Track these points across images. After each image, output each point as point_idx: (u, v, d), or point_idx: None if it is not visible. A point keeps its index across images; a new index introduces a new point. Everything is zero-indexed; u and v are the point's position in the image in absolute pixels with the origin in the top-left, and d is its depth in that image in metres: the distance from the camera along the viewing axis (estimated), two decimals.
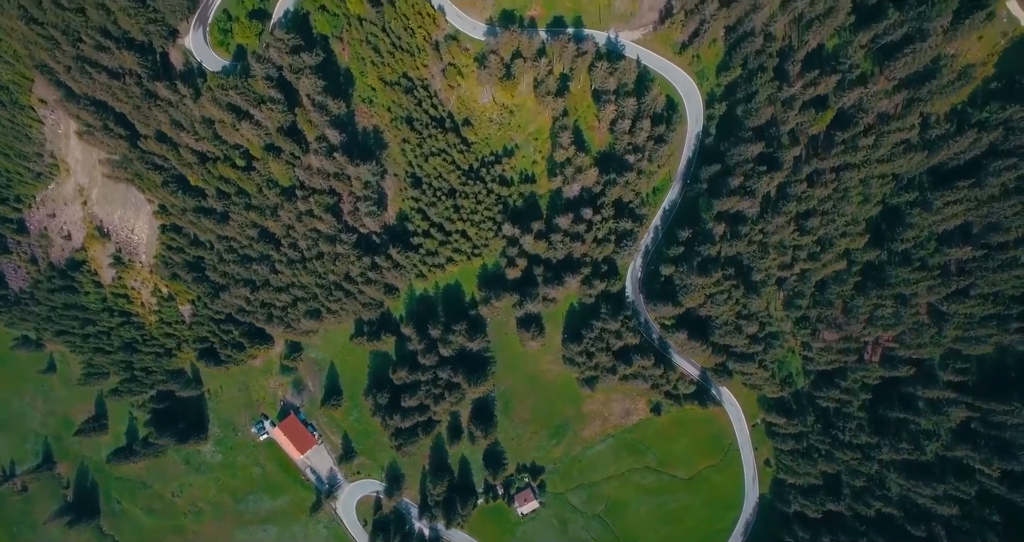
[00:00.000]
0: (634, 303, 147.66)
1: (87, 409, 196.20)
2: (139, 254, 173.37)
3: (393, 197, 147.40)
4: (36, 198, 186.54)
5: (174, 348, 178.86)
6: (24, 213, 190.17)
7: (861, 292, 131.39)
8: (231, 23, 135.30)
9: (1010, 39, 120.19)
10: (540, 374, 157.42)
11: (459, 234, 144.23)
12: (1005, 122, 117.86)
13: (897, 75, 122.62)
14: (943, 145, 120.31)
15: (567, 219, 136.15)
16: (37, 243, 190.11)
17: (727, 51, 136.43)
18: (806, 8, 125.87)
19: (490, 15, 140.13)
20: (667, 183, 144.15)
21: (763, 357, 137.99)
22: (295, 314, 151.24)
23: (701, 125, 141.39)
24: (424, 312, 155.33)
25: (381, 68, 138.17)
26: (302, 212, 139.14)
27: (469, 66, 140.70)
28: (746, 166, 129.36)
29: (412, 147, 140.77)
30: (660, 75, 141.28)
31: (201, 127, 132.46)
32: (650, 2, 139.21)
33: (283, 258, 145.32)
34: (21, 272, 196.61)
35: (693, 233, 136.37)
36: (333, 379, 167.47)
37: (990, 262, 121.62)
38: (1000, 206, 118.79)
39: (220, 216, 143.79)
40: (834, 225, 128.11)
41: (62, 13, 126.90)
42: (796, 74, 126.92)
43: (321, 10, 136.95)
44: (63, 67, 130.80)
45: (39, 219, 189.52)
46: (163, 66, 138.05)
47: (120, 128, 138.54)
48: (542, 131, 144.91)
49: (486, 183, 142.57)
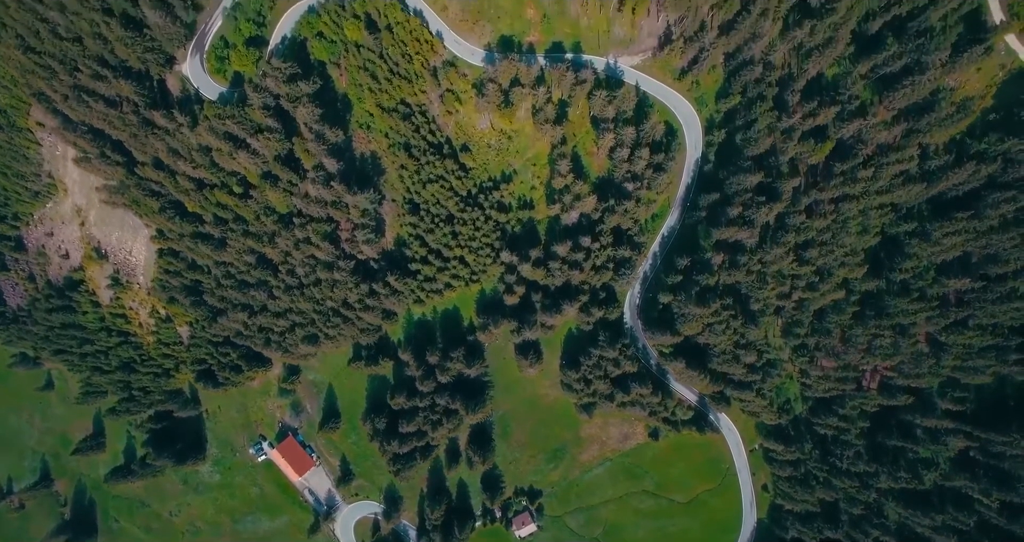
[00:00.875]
0: (632, 329, 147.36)
1: (85, 427, 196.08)
2: (137, 275, 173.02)
3: (391, 223, 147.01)
4: (34, 216, 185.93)
5: (172, 369, 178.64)
6: (22, 230, 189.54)
7: (859, 322, 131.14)
8: (228, 50, 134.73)
9: (1008, 71, 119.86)
10: (538, 398, 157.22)
11: (457, 260, 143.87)
12: (1004, 154, 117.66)
13: (896, 106, 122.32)
14: (942, 176, 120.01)
15: (565, 247, 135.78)
16: (35, 261, 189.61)
17: (726, 78, 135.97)
18: (805, 38, 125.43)
19: (488, 41, 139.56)
20: (666, 209, 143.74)
21: (761, 386, 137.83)
22: (293, 339, 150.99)
23: (700, 151, 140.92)
24: (422, 337, 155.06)
25: (379, 94, 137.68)
26: (299, 239, 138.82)
27: (467, 92, 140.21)
28: (745, 196, 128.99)
29: (410, 174, 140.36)
30: (659, 101, 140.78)
31: (198, 155, 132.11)
32: (649, 28, 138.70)
33: (281, 284, 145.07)
34: (19, 289, 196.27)
35: (692, 261, 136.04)
36: (331, 401, 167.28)
37: (989, 293, 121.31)
38: (999, 238, 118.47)
39: (217, 242, 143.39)
40: (833, 255, 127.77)
41: (59, 43, 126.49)
42: (795, 104, 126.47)
43: (318, 37, 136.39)
44: (60, 96, 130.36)
45: (37, 237, 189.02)
46: (160, 93, 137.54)
47: (117, 155, 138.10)
48: (540, 157, 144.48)
49: (484, 209, 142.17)
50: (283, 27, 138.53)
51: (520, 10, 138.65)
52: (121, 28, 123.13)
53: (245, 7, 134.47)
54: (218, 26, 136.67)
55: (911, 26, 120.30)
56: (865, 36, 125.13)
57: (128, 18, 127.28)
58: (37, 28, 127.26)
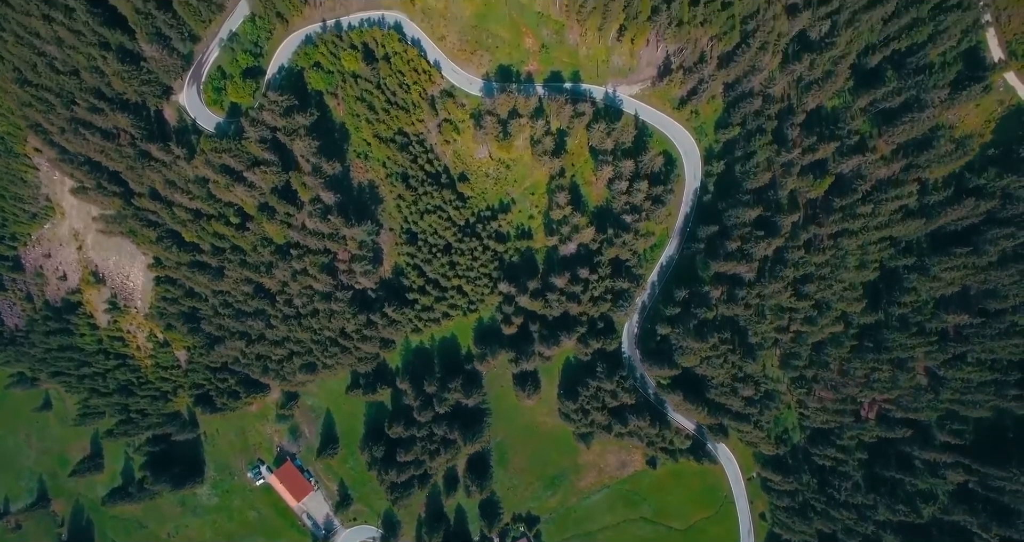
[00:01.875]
0: (630, 358, 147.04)
1: (82, 447, 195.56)
2: (134, 300, 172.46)
3: (388, 251, 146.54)
4: (31, 236, 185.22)
5: (170, 392, 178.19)
6: (19, 251, 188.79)
7: (858, 355, 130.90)
8: (224, 81, 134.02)
9: (1007, 107, 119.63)
10: (536, 425, 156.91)
11: (455, 290, 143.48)
12: (1002, 189, 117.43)
13: (896, 141, 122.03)
14: (941, 212, 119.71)
15: (563, 279, 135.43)
16: (32, 281, 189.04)
17: (726, 108, 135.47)
18: (805, 71, 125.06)
19: (486, 70, 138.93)
20: (664, 239, 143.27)
21: (759, 418, 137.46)
22: (291, 368, 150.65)
23: (699, 181, 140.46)
24: (420, 364, 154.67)
25: (376, 125, 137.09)
26: (297, 270, 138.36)
27: (465, 122, 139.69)
28: (743, 229, 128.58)
29: (407, 204, 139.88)
30: (658, 130, 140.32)
31: (195, 187, 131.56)
32: (648, 58, 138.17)
33: (278, 313, 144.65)
34: (16, 309, 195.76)
35: (690, 294, 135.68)
36: (329, 426, 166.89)
37: (988, 329, 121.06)
38: (998, 274, 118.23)
39: (215, 271, 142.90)
40: (831, 290, 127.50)
41: (56, 76, 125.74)
42: (795, 137, 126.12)
43: (315, 67, 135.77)
44: (57, 128, 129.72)
45: (34, 257, 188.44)
46: (157, 123, 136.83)
47: (114, 185, 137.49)
48: (539, 186, 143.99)
49: (482, 239, 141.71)
50: (280, 57, 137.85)
51: (518, 39, 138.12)
52: (117, 62, 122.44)
53: (242, 38, 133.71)
54: (215, 57, 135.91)
55: (910, 61, 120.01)
56: (865, 69, 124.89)
57: (125, 51, 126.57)
58: (34, 61, 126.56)
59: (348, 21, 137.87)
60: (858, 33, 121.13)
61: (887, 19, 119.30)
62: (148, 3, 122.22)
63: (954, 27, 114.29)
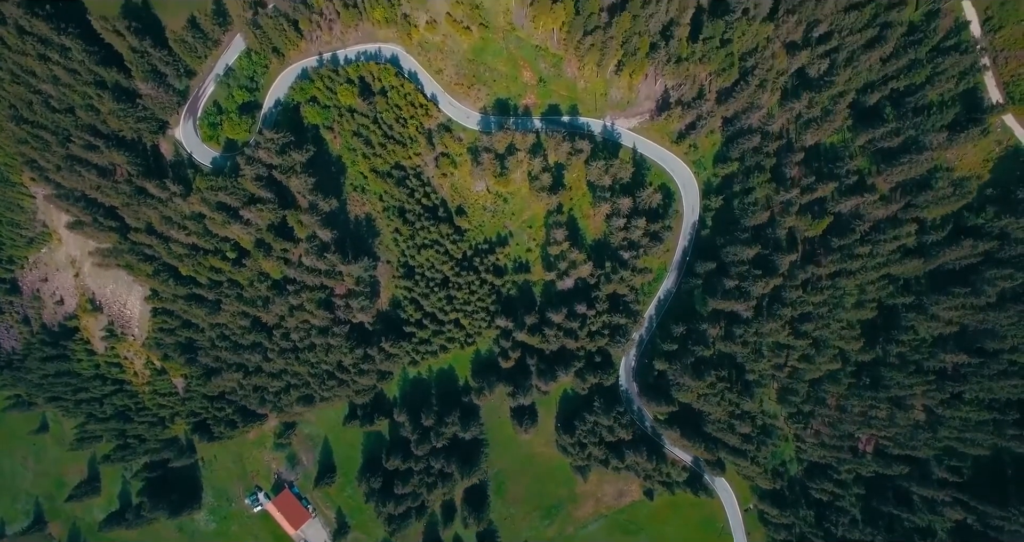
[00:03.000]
0: (627, 391, 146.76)
1: (80, 470, 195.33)
2: (132, 327, 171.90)
3: (386, 284, 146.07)
4: (28, 259, 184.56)
5: (167, 418, 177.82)
6: (16, 274, 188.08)
7: (855, 393, 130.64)
8: (220, 116, 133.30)
9: (1004, 147, 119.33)
10: (534, 455, 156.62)
11: (452, 324, 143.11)
12: (1001, 230, 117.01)
13: (894, 180, 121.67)
14: (939, 252, 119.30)
15: (560, 315, 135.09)
16: (29, 304, 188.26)
17: (724, 142, 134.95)
18: (804, 109, 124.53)
19: (484, 104, 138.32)
20: (663, 272, 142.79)
21: (756, 454, 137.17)
22: (288, 400, 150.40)
23: (698, 215, 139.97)
24: (417, 395, 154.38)
25: (372, 159, 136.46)
26: (293, 306, 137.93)
27: (462, 155, 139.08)
28: (741, 267, 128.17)
29: (404, 238, 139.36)
30: (656, 163, 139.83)
31: (191, 222, 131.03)
32: (647, 91, 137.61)
33: (275, 347, 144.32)
34: (13, 332, 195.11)
35: (687, 330, 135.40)
36: (327, 455, 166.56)
37: (986, 369, 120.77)
38: (996, 316, 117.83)
39: (212, 305, 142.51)
40: (829, 329, 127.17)
41: (52, 115, 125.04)
42: (793, 175, 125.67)
43: (311, 102, 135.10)
44: (52, 166, 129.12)
45: (31, 281, 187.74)
46: (154, 157, 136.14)
47: (110, 221, 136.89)
48: (537, 219, 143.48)
49: (479, 273, 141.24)
50: (276, 91, 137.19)
51: (516, 73, 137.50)
52: (113, 101, 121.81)
53: (238, 74, 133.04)
54: (211, 91, 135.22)
55: (909, 100, 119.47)
56: (864, 107, 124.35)
57: (120, 89, 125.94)
58: (30, 99, 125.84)
59: (345, 54, 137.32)
60: (857, 72, 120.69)
61: (885, 59, 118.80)
62: (144, 41, 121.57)
63: (952, 69, 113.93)
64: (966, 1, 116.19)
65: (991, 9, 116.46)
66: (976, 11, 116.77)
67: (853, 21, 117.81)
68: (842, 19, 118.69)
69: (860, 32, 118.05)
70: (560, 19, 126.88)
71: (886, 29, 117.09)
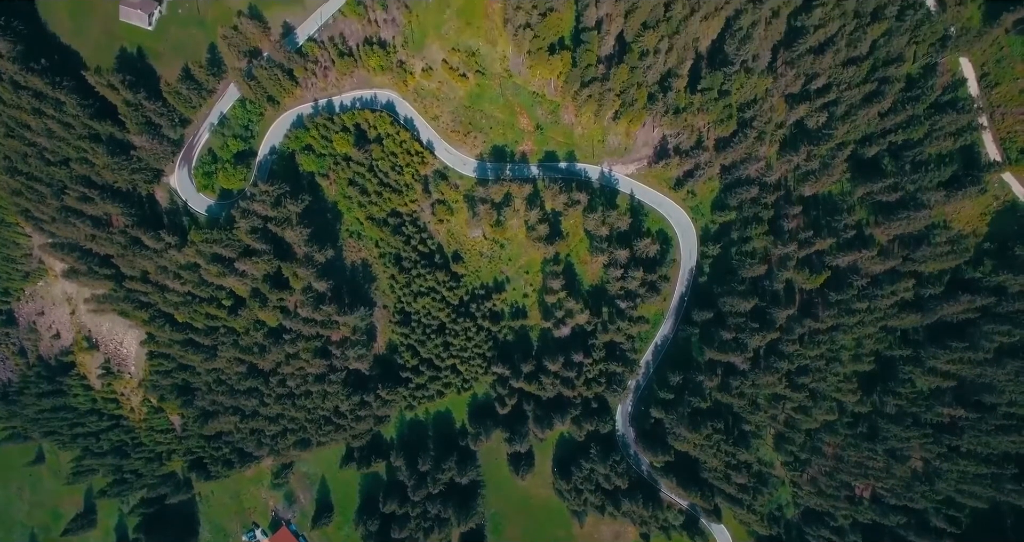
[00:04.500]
0: (624, 436, 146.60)
1: (76, 502, 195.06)
2: (128, 365, 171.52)
3: (382, 328, 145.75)
4: (24, 292, 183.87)
5: (164, 454, 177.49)
6: (12, 305, 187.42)
7: (852, 443, 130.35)
8: (215, 165, 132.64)
9: (1002, 202, 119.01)
10: (531, 497, 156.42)
11: (449, 370, 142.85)
12: (999, 285, 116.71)
13: (892, 233, 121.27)
14: (937, 306, 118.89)
15: (557, 364, 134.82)
16: (26, 336, 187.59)
17: (723, 190, 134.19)
18: (802, 161, 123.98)
19: (480, 151, 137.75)
20: (660, 318, 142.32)
21: (752, 503, 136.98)
22: (284, 444, 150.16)
23: (695, 260, 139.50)
24: (415, 437, 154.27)
25: (368, 207, 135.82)
26: (290, 354, 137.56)
27: (459, 202, 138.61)
28: (738, 319, 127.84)
29: (400, 286, 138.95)
30: (654, 209, 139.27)
31: (186, 272, 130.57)
32: (645, 138, 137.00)
33: (272, 393, 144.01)
34: (9, 364, 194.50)
35: (684, 379, 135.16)
36: (324, 493, 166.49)
37: (984, 424, 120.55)
38: (993, 371, 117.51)
39: (208, 350, 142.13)
40: (826, 382, 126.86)
41: (46, 168, 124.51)
42: (791, 229, 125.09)
43: (307, 150, 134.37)
44: (47, 217, 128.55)
45: (28, 313, 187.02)
46: (149, 204, 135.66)
47: (105, 269, 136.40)
48: (533, 264, 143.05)
49: (476, 319, 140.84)
50: (271, 138, 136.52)
51: (513, 120, 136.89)
52: (107, 155, 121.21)
53: (232, 123, 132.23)
54: (205, 139, 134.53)
55: (907, 155, 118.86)
56: (862, 158, 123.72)
57: (114, 141, 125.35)
58: (25, 151, 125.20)
59: (340, 100, 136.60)
60: (855, 125, 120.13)
61: (884, 114, 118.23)
62: (138, 94, 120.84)
63: (949, 126, 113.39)
64: (963, 57, 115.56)
65: (987, 65, 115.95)
66: (973, 67, 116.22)
67: (851, 75, 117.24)
68: (840, 73, 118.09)
69: (858, 87, 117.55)
70: (557, 70, 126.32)
71: (884, 84, 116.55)
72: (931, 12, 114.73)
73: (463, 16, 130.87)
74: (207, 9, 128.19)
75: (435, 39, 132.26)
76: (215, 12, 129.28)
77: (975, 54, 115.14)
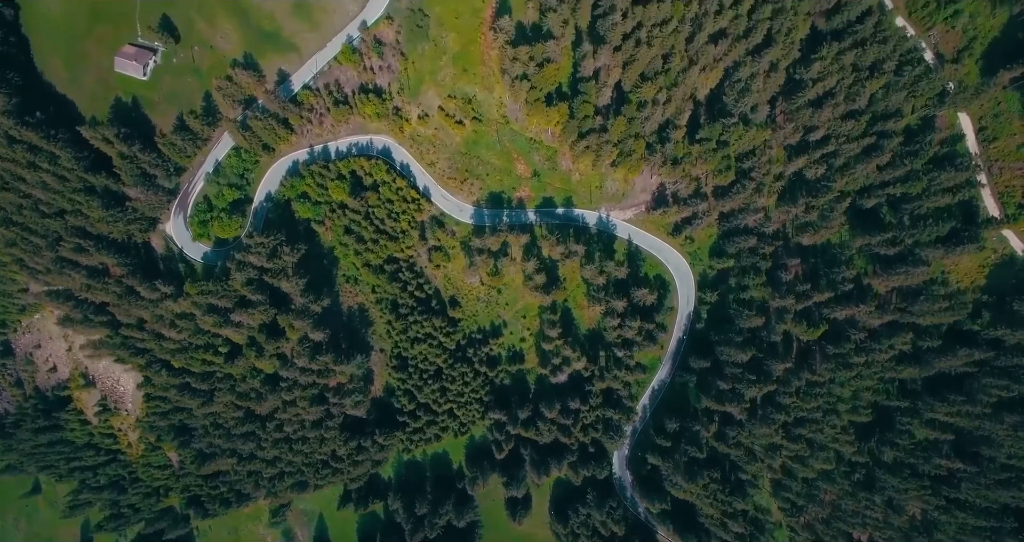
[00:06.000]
0: (621, 479, 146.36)
1: (72, 533, 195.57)
2: (125, 403, 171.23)
3: (380, 371, 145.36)
4: (21, 323, 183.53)
5: (161, 489, 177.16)
6: (9, 336, 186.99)
7: (850, 492, 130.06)
8: (210, 214, 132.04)
9: (1000, 256, 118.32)
10: (528, 538, 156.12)
11: (446, 414, 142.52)
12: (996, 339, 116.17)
13: (891, 285, 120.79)
14: (935, 360, 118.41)
15: (554, 412, 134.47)
16: (23, 368, 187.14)
17: (721, 236, 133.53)
18: (800, 213, 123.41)
19: (477, 197, 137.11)
20: (657, 362, 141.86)
21: None
22: (282, 486, 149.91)
23: (693, 305, 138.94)
24: (412, 478, 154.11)
25: (365, 254, 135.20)
26: (286, 401, 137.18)
27: (455, 248, 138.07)
28: (735, 369, 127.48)
29: (397, 332, 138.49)
30: (652, 254, 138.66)
31: (182, 321, 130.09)
32: (642, 184, 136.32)
33: (269, 437, 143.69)
34: (6, 395, 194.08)
35: (681, 427, 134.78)
36: (322, 531, 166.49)
37: (983, 478, 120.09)
38: (992, 425, 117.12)
39: (205, 395, 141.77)
40: (823, 433, 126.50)
41: (41, 220, 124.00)
42: (789, 281, 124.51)
43: (302, 198, 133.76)
44: (42, 267, 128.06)
45: (24, 344, 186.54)
46: (145, 251, 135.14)
47: (101, 316, 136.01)
48: (531, 308, 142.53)
49: (473, 364, 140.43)
50: (267, 184, 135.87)
51: (510, 166, 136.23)
52: (102, 209, 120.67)
53: (227, 171, 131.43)
54: (200, 187, 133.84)
55: (906, 208, 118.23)
56: (861, 209, 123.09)
57: (110, 193, 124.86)
58: (20, 203, 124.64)
59: (336, 146, 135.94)
60: (854, 178, 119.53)
61: (882, 167, 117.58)
62: (132, 147, 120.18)
63: (948, 182, 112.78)
64: (962, 113, 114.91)
65: (985, 119, 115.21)
66: (971, 121, 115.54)
67: (850, 128, 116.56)
68: (839, 126, 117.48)
69: (857, 140, 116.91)
70: (554, 120, 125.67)
71: (883, 138, 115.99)
72: (930, 67, 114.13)
73: (459, 63, 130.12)
74: (202, 58, 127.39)
75: (431, 86, 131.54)
76: (210, 60, 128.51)
77: (973, 109, 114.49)
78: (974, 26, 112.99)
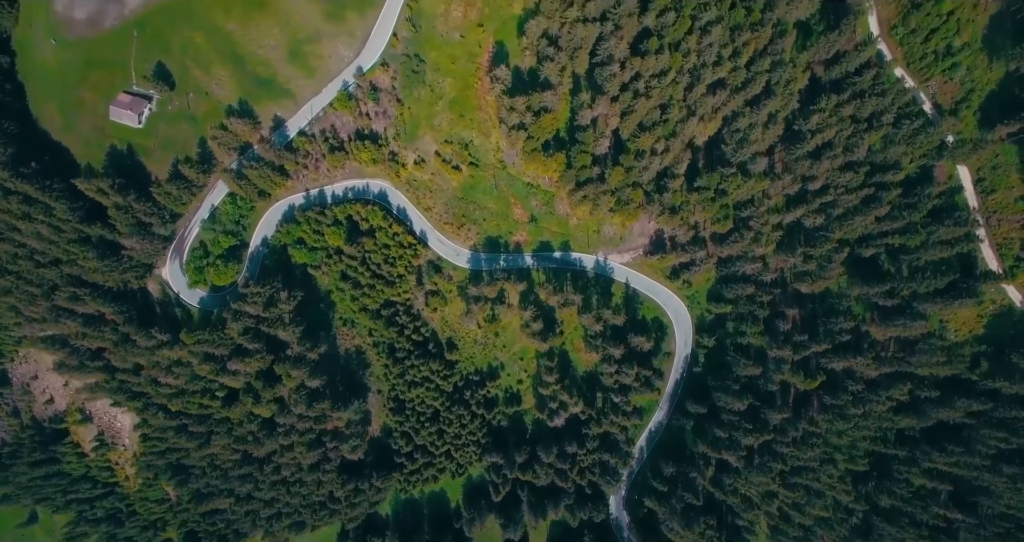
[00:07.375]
0: (619, 520, 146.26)
1: None
2: (122, 438, 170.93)
3: (377, 412, 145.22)
4: (19, 353, 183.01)
5: (159, 523, 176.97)
6: (7, 366, 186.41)
7: (847, 540, 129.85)
8: (206, 261, 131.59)
9: (999, 307, 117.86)
10: None
11: (443, 456, 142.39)
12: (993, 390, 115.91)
13: (889, 335, 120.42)
14: (933, 411, 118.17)
15: (551, 456, 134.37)
16: (19, 398, 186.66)
17: (718, 281, 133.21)
18: (799, 263, 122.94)
19: (474, 242, 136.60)
20: (654, 405, 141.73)
21: None
22: (279, 526, 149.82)
23: (691, 349, 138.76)
24: (409, 516, 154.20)
25: (361, 299, 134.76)
26: (284, 445, 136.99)
27: (452, 292, 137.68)
28: (732, 417, 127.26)
29: (394, 375, 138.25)
30: (649, 297, 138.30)
31: (179, 368, 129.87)
32: (640, 228, 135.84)
33: (266, 479, 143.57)
34: (3, 424, 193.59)
35: (677, 471, 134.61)
36: None
37: (981, 530, 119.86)
38: (991, 477, 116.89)
39: (202, 438, 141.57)
40: (820, 482, 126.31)
41: (36, 270, 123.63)
42: (787, 330, 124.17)
43: (298, 244, 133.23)
44: (38, 316, 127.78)
45: (22, 374, 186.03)
46: (141, 297, 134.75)
47: (97, 361, 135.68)
48: (528, 350, 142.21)
49: (470, 406, 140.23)
50: (263, 229, 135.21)
51: (507, 210, 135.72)
52: (97, 259, 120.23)
53: (223, 218, 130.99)
54: (196, 232, 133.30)
55: (905, 259, 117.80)
56: (860, 258, 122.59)
57: (105, 242, 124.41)
58: (15, 252, 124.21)
59: (332, 190, 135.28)
60: (852, 228, 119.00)
61: (881, 218, 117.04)
62: (127, 197, 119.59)
63: (946, 235, 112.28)
64: (961, 166, 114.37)
65: (983, 171, 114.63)
66: (970, 173, 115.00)
67: (849, 180, 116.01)
68: (838, 177, 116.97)
69: (855, 191, 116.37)
70: (552, 169, 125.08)
71: (881, 190, 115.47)
72: (928, 119, 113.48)
73: (456, 108, 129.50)
74: (197, 105, 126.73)
75: (428, 131, 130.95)
76: (205, 107, 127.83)
77: (971, 162, 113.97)
78: (972, 78, 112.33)
